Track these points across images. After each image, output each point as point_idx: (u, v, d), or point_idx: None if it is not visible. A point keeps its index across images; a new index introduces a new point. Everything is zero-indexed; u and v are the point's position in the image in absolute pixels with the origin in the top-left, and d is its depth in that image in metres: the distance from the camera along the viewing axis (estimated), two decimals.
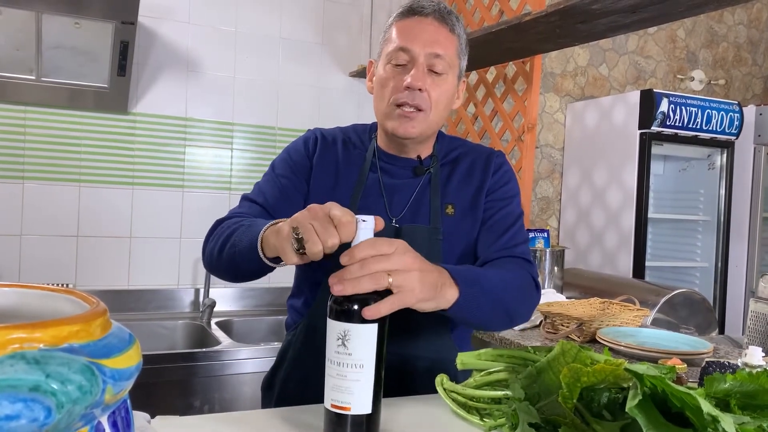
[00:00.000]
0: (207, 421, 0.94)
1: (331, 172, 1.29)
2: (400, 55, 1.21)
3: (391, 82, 1.22)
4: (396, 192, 1.27)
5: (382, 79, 1.25)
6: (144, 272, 2.58)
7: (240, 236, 1.09)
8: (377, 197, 1.27)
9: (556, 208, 3.57)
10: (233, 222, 1.17)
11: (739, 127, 3.27)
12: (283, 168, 1.30)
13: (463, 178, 1.31)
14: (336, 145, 1.32)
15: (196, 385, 2.01)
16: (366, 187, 1.27)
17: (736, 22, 4.07)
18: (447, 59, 1.22)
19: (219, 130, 2.70)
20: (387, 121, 1.24)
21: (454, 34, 1.24)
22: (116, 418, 0.45)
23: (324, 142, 1.32)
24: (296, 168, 1.30)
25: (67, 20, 2.15)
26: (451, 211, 1.29)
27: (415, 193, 1.27)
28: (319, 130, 1.35)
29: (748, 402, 0.77)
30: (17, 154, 2.39)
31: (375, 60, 1.31)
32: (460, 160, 1.33)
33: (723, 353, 1.70)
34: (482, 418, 0.93)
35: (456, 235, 1.26)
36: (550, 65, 3.47)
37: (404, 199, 1.27)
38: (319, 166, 1.29)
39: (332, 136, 1.34)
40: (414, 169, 1.29)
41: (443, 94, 1.24)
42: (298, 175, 1.29)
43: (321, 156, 1.30)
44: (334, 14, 2.90)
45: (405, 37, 1.21)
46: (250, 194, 1.30)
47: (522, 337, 1.89)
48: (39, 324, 0.39)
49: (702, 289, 3.25)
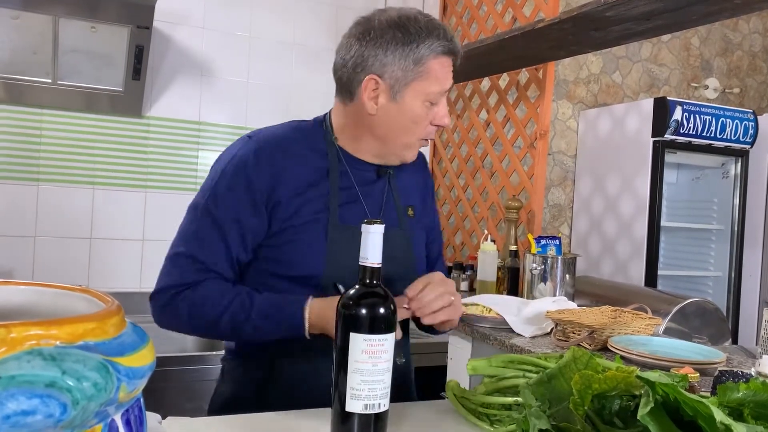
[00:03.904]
0: (217, 422, 0.94)
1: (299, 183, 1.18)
2: (440, 96, 1.20)
3: (425, 119, 1.20)
4: (368, 195, 1.26)
5: (416, 116, 1.19)
6: (156, 275, 2.58)
7: (262, 323, 1.11)
8: (355, 203, 1.23)
9: (568, 216, 3.56)
10: (220, 300, 1.12)
11: (754, 136, 3.24)
12: (231, 212, 1.15)
13: (410, 178, 1.35)
14: (288, 151, 1.20)
15: (206, 388, 2.01)
16: (342, 193, 1.22)
17: (751, 30, 4.05)
18: None
19: (232, 134, 2.72)
20: (406, 152, 1.24)
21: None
22: (130, 417, 0.45)
23: (268, 151, 1.18)
24: (248, 211, 1.15)
25: (83, 24, 2.18)
26: (411, 213, 1.30)
27: (385, 196, 1.28)
28: (250, 149, 1.18)
29: (762, 411, 0.77)
30: (33, 156, 2.42)
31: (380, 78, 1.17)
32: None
33: (736, 363, 1.68)
34: (492, 424, 0.93)
35: (416, 237, 1.30)
36: (563, 72, 3.47)
37: (376, 203, 1.26)
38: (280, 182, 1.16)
39: (275, 140, 1.20)
40: (377, 171, 1.28)
41: None
42: (252, 207, 1.15)
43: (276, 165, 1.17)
44: (348, 20, 2.88)
45: (446, 78, 1.19)
46: (196, 254, 1.15)
47: (532, 344, 1.88)
48: (55, 321, 0.39)
49: (715, 298, 3.22)
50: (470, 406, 0.96)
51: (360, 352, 0.80)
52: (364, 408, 0.81)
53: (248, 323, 1.11)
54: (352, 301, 0.82)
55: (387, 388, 0.82)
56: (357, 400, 0.81)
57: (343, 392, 0.81)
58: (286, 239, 1.16)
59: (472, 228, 2.93)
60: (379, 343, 0.81)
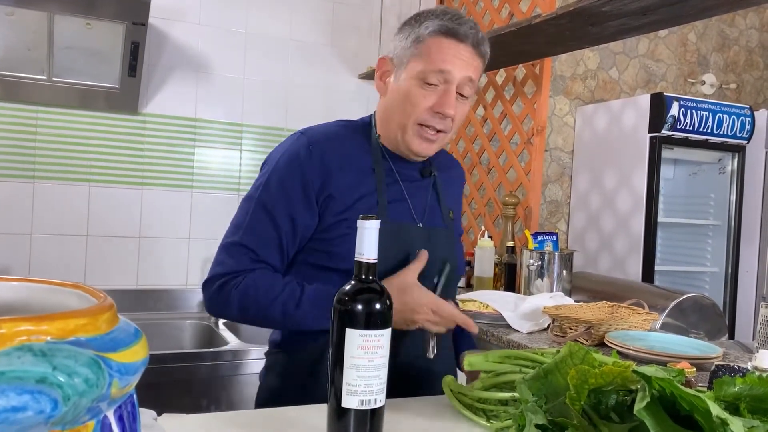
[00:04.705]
0: (213, 419, 0.94)
1: (351, 177, 1.20)
2: (436, 77, 1.17)
3: (421, 100, 1.18)
4: (413, 194, 1.28)
5: (408, 95, 1.19)
6: (153, 272, 2.59)
7: (312, 311, 1.14)
8: (401, 201, 1.25)
9: (565, 212, 3.56)
10: (271, 288, 1.15)
11: (751, 132, 3.24)
12: (283, 204, 1.18)
13: (451, 185, 1.38)
14: (337, 142, 1.23)
15: (203, 385, 2.01)
16: (389, 190, 1.24)
17: (748, 26, 4.05)
18: (475, 82, 1.22)
19: (228, 131, 2.71)
20: (404, 135, 1.22)
21: (484, 60, 1.24)
22: (122, 413, 0.45)
23: (320, 146, 1.21)
24: (301, 204, 1.18)
25: (78, 21, 2.17)
26: (451, 215, 1.33)
27: (429, 196, 1.30)
28: (302, 143, 1.21)
29: (758, 406, 0.77)
30: (28, 153, 2.41)
31: (391, 59, 1.24)
32: (442, 166, 1.37)
33: (733, 358, 1.68)
34: (489, 419, 0.93)
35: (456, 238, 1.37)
36: (560, 68, 3.46)
37: (422, 202, 1.28)
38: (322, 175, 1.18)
39: (326, 136, 1.23)
40: (421, 171, 1.30)
41: (463, 115, 1.25)
42: (305, 200, 1.18)
43: (328, 160, 1.19)
44: (344, 16, 2.91)
45: (443, 60, 1.17)
46: (248, 243, 1.18)
47: (529, 340, 1.88)
48: (46, 317, 0.39)
49: (712, 293, 3.22)
50: (467, 402, 0.96)
51: (356, 347, 0.80)
52: (360, 404, 0.80)
53: (299, 311, 1.13)
54: (348, 297, 0.82)
55: (383, 383, 0.82)
56: (353, 395, 0.80)
57: (339, 388, 0.81)
58: (339, 233, 1.17)
59: (469, 224, 2.93)
60: (375, 339, 0.81)
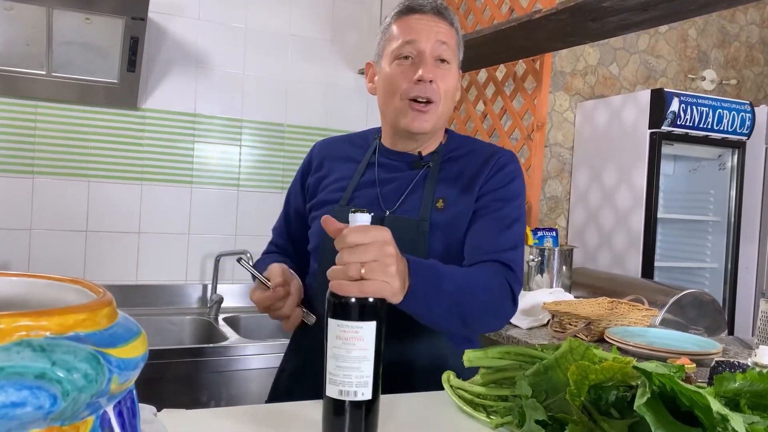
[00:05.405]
0: (213, 415, 0.94)
1: (327, 167, 1.36)
2: (407, 48, 1.23)
3: (400, 77, 1.23)
4: (389, 184, 1.28)
5: (389, 76, 1.25)
6: (152, 268, 2.59)
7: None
8: (370, 188, 1.29)
9: (565, 208, 3.56)
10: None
11: (751, 128, 3.24)
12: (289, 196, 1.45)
13: (459, 174, 1.28)
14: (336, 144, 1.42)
15: (203, 381, 2.01)
16: (362, 180, 1.31)
17: (749, 21, 4.04)
18: (451, 47, 1.25)
19: (228, 126, 2.71)
20: (400, 118, 1.24)
21: (453, 27, 1.27)
22: (122, 408, 0.45)
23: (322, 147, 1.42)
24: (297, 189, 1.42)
25: (77, 16, 2.16)
26: (441, 204, 1.24)
27: (411, 186, 1.26)
28: (320, 141, 1.45)
29: (758, 402, 0.77)
30: (27, 149, 2.40)
31: (374, 62, 1.33)
32: (465, 157, 1.30)
33: (732, 354, 1.68)
34: (489, 415, 0.93)
35: (443, 230, 1.22)
36: (560, 64, 3.46)
37: (398, 192, 1.27)
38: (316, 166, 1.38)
39: (333, 140, 1.44)
40: (412, 163, 1.29)
41: (450, 85, 1.26)
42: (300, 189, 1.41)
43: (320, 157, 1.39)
44: (344, 12, 2.90)
45: (409, 32, 1.23)
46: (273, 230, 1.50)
47: (529, 336, 1.89)
48: (45, 312, 0.39)
49: (712, 290, 3.23)
50: (466, 397, 0.96)
51: (335, 337, 0.80)
52: (339, 394, 0.80)
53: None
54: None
55: (366, 377, 0.80)
56: (333, 384, 0.81)
57: (325, 376, 0.82)
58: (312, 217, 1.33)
59: None
60: (353, 330, 0.80)
